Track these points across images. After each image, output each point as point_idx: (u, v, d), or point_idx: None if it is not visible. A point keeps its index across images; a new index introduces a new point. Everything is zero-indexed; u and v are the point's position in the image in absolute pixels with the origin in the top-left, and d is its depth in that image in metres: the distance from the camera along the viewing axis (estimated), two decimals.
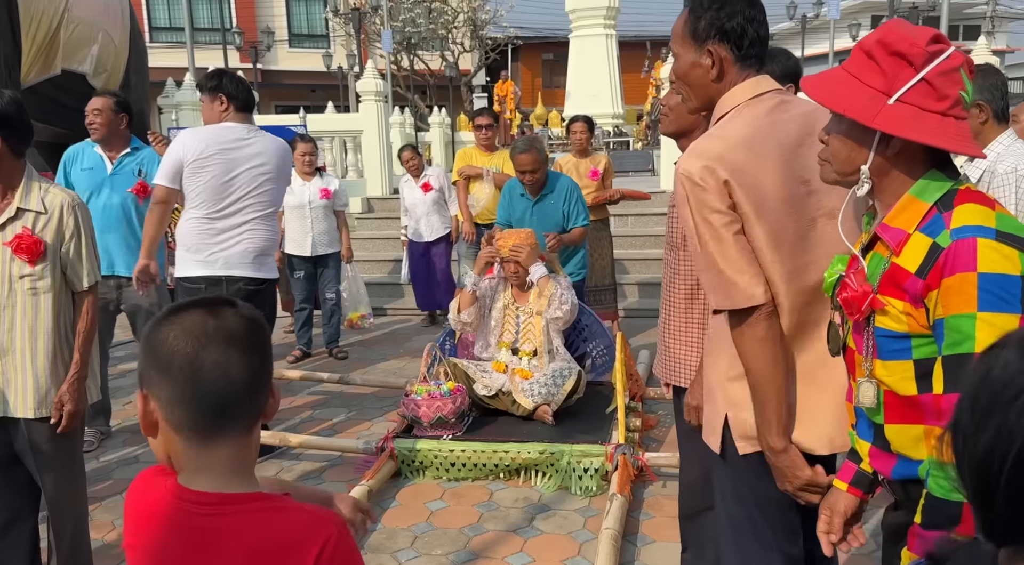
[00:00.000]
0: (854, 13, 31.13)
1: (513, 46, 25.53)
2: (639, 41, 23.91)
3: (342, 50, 24.89)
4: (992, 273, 1.17)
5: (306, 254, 5.71)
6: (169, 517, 1.01)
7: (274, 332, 5.06)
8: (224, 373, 0.98)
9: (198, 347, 0.97)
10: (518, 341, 4.10)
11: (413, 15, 22.93)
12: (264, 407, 1.05)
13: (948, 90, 1.24)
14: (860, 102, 1.28)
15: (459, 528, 3.17)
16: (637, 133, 15.60)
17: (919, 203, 1.28)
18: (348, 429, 4.36)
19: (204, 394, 0.98)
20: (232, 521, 0.99)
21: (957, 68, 1.25)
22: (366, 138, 9.48)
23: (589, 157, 5.70)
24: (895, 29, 1.29)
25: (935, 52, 1.24)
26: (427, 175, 6.49)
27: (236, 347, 0.99)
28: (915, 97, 1.25)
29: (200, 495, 1.01)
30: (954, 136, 1.24)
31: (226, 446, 1.02)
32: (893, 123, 1.25)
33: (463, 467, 3.57)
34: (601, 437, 3.59)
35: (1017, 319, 1.17)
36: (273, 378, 1.08)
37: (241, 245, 3.60)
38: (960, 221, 1.22)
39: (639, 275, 7.37)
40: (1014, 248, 1.19)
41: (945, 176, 1.29)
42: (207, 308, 1.02)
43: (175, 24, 24.50)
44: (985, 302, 1.17)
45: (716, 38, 1.64)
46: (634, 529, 3.12)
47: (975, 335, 1.18)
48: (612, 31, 14.54)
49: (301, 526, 1.00)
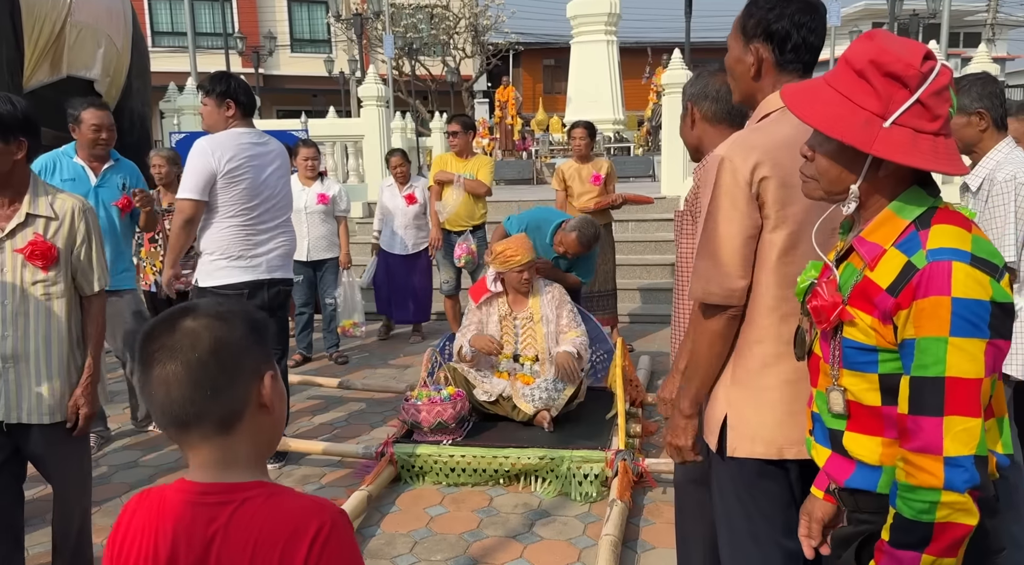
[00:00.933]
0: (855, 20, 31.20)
1: (514, 52, 25.59)
2: (640, 47, 23.97)
3: (344, 55, 24.94)
4: (966, 298, 1.18)
5: (302, 259, 5.71)
6: (166, 511, 1.04)
7: None
8: (165, 390, 1.01)
9: (146, 365, 1.02)
10: (519, 349, 4.11)
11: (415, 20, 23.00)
12: (239, 408, 1.04)
13: (940, 110, 1.24)
14: (855, 126, 1.26)
15: (459, 534, 3.16)
16: (638, 139, 15.62)
17: (897, 219, 1.28)
18: (348, 434, 4.36)
19: (156, 410, 1.03)
20: (232, 509, 1.02)
21: (947, 86, 1.24)
22: (367, 143, 9.49)
23: (591, 162, 5.71)
24: (888, 48, 1.25)
25: (928, 71, 1.23)
26: (413, 186, 6.22)
27: (174, 361, 1.00)
28: (910, 119, 1.24)
29: (202, 486, 1.04)
30: (946, 158, 1.24)
31: (204, 448, 1.04)
32: (890, 148, 1.24)
33: (463, 472, 3.57)
34: (601, 443, 3.59)
35: (984, 344, 1.18)
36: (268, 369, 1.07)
37: (280, 248, 3.67)
38: (936, 242, 1.22)
39: (639, 281, 7.37)
40: (986, 274, 1.19)
41: (925, 193, 1.29)
42: (165, 322, 1.04)
43: (177, 28, 24.57)
44: (957, 327, 1.18)
45: (761, 37, 1.69)
46: (634, 535, 3.11)
47: (945, 359, 1.19)
48: (613, 37, 14.59)
49: (298, 513, 1.02)
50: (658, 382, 5.11)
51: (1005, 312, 1.20)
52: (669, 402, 2.14)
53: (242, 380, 1.04)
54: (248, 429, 1.05)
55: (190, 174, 3.44)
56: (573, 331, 4.01)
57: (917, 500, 1.20)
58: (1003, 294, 1.20)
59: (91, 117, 3.88)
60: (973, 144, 2.61)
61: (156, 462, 3.99)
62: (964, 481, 1.18)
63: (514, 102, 17.38)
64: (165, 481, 3.77)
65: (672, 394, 2.11)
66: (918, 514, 1.21)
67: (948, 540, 1.20)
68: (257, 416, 1.06)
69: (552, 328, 4.04)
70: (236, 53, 23.07)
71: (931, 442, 1.20)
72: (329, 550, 1.00)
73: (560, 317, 4.04)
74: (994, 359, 1.19)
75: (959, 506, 1.18)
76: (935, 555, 1.21)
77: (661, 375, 5.27)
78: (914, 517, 1.21)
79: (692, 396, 1.78)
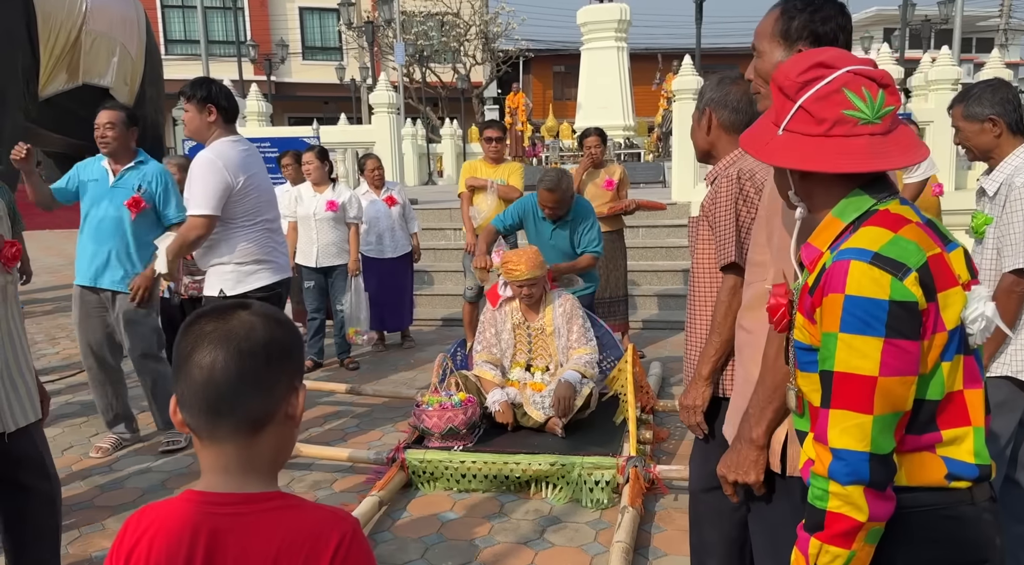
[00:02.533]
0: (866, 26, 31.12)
1: (525, 58, 25.68)
2: (650, 53, 23.98)
3: (355, 62, 25.10)
4: (857, 296, 1.20)
5: (311, 265, 5.72)
6: (183, 521, 1.01)
7: None
8: (209, 373, 0.99)
9: (191, 349, 1.01)
10: (531, 359, 4.10)
11: (426, 28, 23.12)
12: (272, 410, 1.04)
13: (825, 113, 1.28)
14: (758, 139, 1.38)
15: (470, 539, 3.16)
16: (648, 145, 15.61)
17: (837, 222, 1.32)
18: (359, 439, 4.36)
19: (192, 393, 1.01)
20: (249, 521, 1.00)
21: (838, 90, 1.28)
22: (378, 149, 9.53)
23: (604, 168, 5.71)
24: (784, 66, 1.36)
25: (809, 80, 1.30)
26: (389, 189, 6.20)
27: (225, 347, 1.00)
28: (797, 125, 1.32)
29: (215, 496, 1.02)
30: (833, 156, 1.27)
31: (229, 446, 1.02)
32: (775, 153, 1.33)
33: (474, 478, 3.56)
34: (612, 449, 3.58)
35: (880, 342, 1.19)
36: (300, 384, 1.08)
37: (285, 247, 3.83)
38: (849, 243, 1.26)
39: (651, 287, 7.36)
40: (887, 272, 1.20)
41: (868, 195, 1.31)
42: (218, 311, 1.04)
43: (190, 37, 24.78)
44: (846, 323, 1.21)
45: (807, 40, 1.65)
46: (646, 542, 3.10)
47: (835, 354, 1.23)
48: (623, 43, 14.58)
49: (317, 524, 1.01)
50: (670, 390, 5.09)
51: (906, 311, 1.19)
52: (692, 409, 2.10)
53: (282, 384, 1.04)
54: (273, 435, 1.05)
55: (206, 190, 3.37)
56: (583, 348, 3.99)
57: (815, 486, 1.27)
58: (903, 293, 1.19)
59: (97, 117, 4.00)
60: (989, 150, 2.60)
61: (169, 467, 4.00)
62: (845, 474, 1.21)
63: (524, 108, 17.41)
64: (178, 484, 3.80)
65: (696, 401, 2.08)
66: (815, 499, 1.27)
67: (836, 530, 1.24)
68: (283, 425, 1.06)
69: (564, 342, 4.03)
70: (248, 61, 23.25)
71: (821, 432, 1.26)
72: (352, 559, 1.00)
73: (571, 331, 4.02)
74: (896, 359, 1.19)
75: (846, 499, 1.22)
76: (822, 541, 1.26)
77: (672, 381, 5.25)
78: (812, 501, 1.28)
79: (769, 422, 1.63)
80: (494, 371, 4.04)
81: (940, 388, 1.25)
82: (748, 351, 1.79)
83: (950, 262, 1.27)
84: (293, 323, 1.11)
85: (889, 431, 1.22)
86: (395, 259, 6.21)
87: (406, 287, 6.33)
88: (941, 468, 1.26)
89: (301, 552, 0.99)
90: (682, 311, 7.05)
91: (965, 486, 1.27)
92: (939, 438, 1.27)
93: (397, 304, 6.28)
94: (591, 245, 4.52)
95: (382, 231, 6.16)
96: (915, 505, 1.27)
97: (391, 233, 6.17)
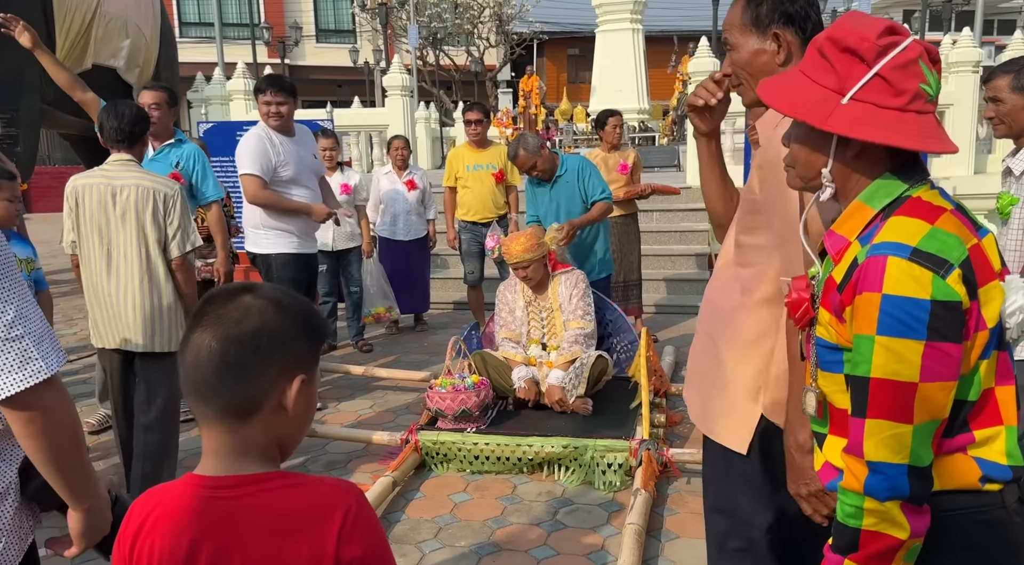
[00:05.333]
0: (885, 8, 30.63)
1: (539, 41, 25.50)
2: (666, 36, 23.76)
3: (368, 45, 25.01)
4: (896, 295, 1.10)
5: (327, 248, 5.74)
6: (185, 506, 1.01)
7: None
8: (195, 355, 0.99)
9: (190, 328, 1.02)
10: (545, 337, 4.13)
11: (439, 10, 22.99)
12: (259, 400, 1.00)
13: (905, 84, 1.16)
14: (812, 104, 1.22)
15: (483, 520, 3.18)
16: (663, 129, 15.50)
17: (866, 209, 1.21)
18: (373, 421, 4.39)
19: (183, 373, 1.02)
20: (252, 501, 1.00)
21: (915, 60, 1.16)
22: (392, 133, 9.52)
23: (618, 151, 5.68)
24: (845, 23, 1.22)
25: (888, 45, 1.17)
26: (412, 172, 6.18)
27: (214, 331, 0.99)
28: (870, 94, 1.18)
29: (213, 479, 1.01)
30: (916, 133, 1.16)
31: (216, 429, 1.01)
32: (847, 124, 1.18)
33: (487, 460, 3.58)
34: (625, 432, 3.58)
35: (920, 346, 1.10)
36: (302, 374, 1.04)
37: None
38: (883, 236, 1.15)
39: (664, 271, 7.34)
40: (928, 269, 1.10)
41: (900, 179, 1.21)
42: (226, 293, 1.03)
43: (204, 19, 24.76)
44: (885, 325, 1.11)
45: (780, 22, 1.62)
46: (658, 525, 3.10)
47: (871, 359, 1.12)
48: (639, 26, 14.45)
49: (321, 499, 1.01)
50: (682, 373, 5.09)
51: (950, 312, 1.10)
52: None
53: (270, 373, 1.00)
54: (263, 423, 1.02)
55: None
56: (578, 321, 4.02)
57: (846, 503, 1.17)
58: (946, 292, 1.10)
59: (141, 97, 4.11)
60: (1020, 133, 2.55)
61: (185, 446, 4.05)
62: (883, 489, 1.13)
63: (538, 92, 17.32)
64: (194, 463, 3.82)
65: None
66: (846, 518, 1.18)
67: (873, 550, 1.15)
68: (275, 414, 1.02)
69: (566, 315, 4.07)
70: (262, 43, 23.23)
71: (855, 443, 1.16)
72: (359, 530, 1.00)
73: (571, 301, 4.05)
74: (938, 364, 1.10)
75: (884, 516, 1.13)
76: (857, 563, 1.16)
77: (685, 365, 5.24)
78: (843, 520, 1.18)
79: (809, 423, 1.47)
80: (516, 348, 4.09)
81: (978, 388, 1.17)
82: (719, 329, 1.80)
83: (986, 251, 1.18)
84: (308, 308, 1.06)
85: (928, 441, 1.13)
86: (408, 243, 6.20)
87: (421, 271, 6.33)
88: (975, 470, 1.18)
89: (307, 526, 0.99)
90: (696, 296, 7.03)
91: (997, 489, 1.19)
92: (971, 439, 1.18)
93: (410, 287, 6.28)
94: (596, 192, 4.55)
95: (397, 213, 6.14)
96: (947, 509, 1.18)
97: (406, 216, 6.15)
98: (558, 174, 4.56)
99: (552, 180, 4.56)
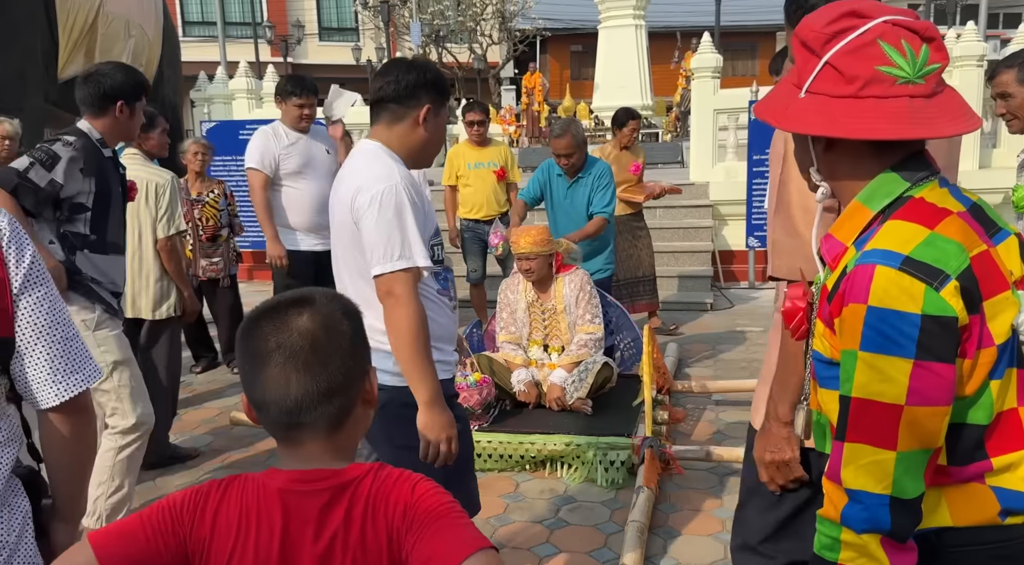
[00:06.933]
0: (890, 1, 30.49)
1: (541, 38, 25.45)
2: (669, 32, 23.70)
3: (371, 43, 25.02)
4: (882, 308, 1.00)
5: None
6: (271, 501, 1.02)
7: None
8: (284, 391, 0.99)
9: (260, 362, 1.00)
10: (547, 337, 4.12)
11: (441, 7, 22.96)
12: (350, 406, 1.04)
13: (855, 70, 1.06)
14: (776, 103, 1.16)
15: (485, 518, 3.19)
16: (666, 125, 15.47)
17: (864, 210, 1.11)
18: None
19: (269, 407, 1.01)
20: (349, 493, 1.01)
21: (872, 42, 1.06)
22: None
23: (629, 150, 5.62)
24: (806, 18, 1.14)
25: (840, 30, 1.08)
26: None
27: (295, 362, 0.99)
28: (823, 85, 1.10)
29: (304, 473, 1.02)
30: (874, 120, 1.05)
31: (310, 443, 1.03)
32: (794, 118, 1.11)
33: (489, 458, 3.59)
34: (628, 430, 3.58)
35: (907, 365, 0.99)
36: (369, 366, 1.08)
37: None
38: (875, 243, 1.05)
39: (667, 268, 7.32)
40: (920, 281, 0.99)
41: (901, 177, 1.10)
42: (277, 315, 1.02)
43: (207, 18, 24.78)
44: (869, 340, 1.01)
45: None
46: (661, 522, 3.11)
47: (854, 377, 1.03)
48: (641, 22, 14.42)
49: (400, 477, 1.04)
50: (686, 370, 5.08)
51: (943, 327, 1.00)
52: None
53: (355, 379, 1.04)
54: (353, 423, 1.06)
55: None
56: (588, 325, 4.00)
57: (823, 533, 1.09)
58: (940, 306, 0.99)
59: None
60: None
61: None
62: (861, 520, 1.03)
63: (541, 89, 17.29)
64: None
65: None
66: (822, 549, 1.09)
67: None
68: (363, 410, 1.07)
69: (572, 318, 4.04)
70: (265, 42, 23.26)
71: (834, 469, 1.07)
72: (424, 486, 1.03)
73: (578, 306, 4.03)
74: (927, 386, 1.00)
75: (861, 550, 1.04)
76: None
77: (689, 362, 5.24)
78: (819, 552, 1.09)
79: (792, 397, 1.52)
80: (516, 350, 4.08)
81: (988, 411, 1.06)
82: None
83: (999, 258, 1.06)
84: (349, 305, 1.08)
85: (916, 472, 1.02)
86: None
87: None
88: (993, 504, 1.07)
89: (399, 505, 1.01)
90: (700, 292, 7.02)
91: (1020, 521, 1.07)
92: (989, 466, 1.07)
93: None
94: (601, 204, 4.49)
95: None
96: (960, 544, 1.09)
97: None
98: (580, 175, 4.52)
99: (574, 177, 4.53)
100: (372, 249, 1.84)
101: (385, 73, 1.96)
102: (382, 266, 1.83)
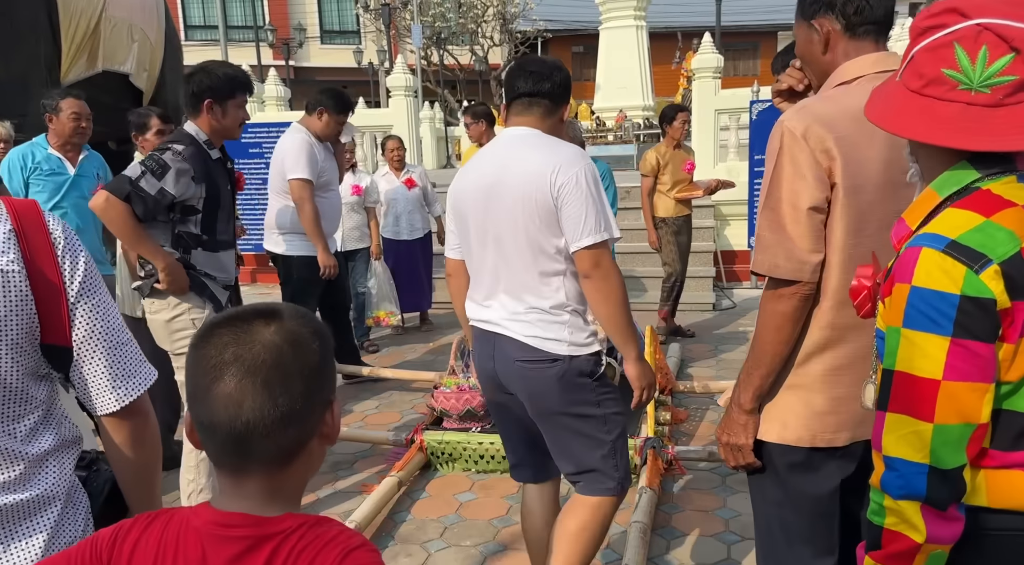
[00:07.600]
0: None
1: (543, 39, 25.47)
2: (670, 32, 23.69)
3: (373, 46, 25.06)
4: (924, 288, 1.06)
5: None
6: (190, 542, 0.92)
7: None
8: (235, 411, 0.87)
9: (212, 376, 0.88)
10: None
11: (443, 10, 23.00)
12: (306, 439, 0.92)
13: (925, 68, 1.11)
14: (882, 87, 1.23)
15: (488, 519, 3.19)
16: None
17: (933, 196, 1.15)
18: (378, 421, 4.40)
19: (215, 430, 0.88)
20: (270, 547, 0.90)
21: (949, 43, 1.08)
22: (396, 133, 9.53)
23: (682, 148, 5.56)
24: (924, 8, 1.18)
25: (931, 26, 1.11)
26: (409, 171, 6.17)
27: (253, 379, 0.87)
28: (905, 75, 1.16)
29: (228, 516, 0.91)
30: (911, 116, 1.11)
31: (254, 478, 0.91)
32: (874, 97, 1.19)
33: (492, 459, 3.59)
34: (630, 430, 3.57)
35: (945, 342, 1.05)
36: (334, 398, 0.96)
37: None
38: (929, 227, 1.11)
39: None
40: (962, 263, 1.05)
41: (973, 168, 1.12)
42: (240, 324, 0.90)
43: (209, 22, 24.85)
44: (911, 318, 1.08)
45: (822, 12, 1.62)
46: (663, 523, 3.11)
47: (896, 351, 1.10)
48: (642, 22, 14.42)
49: (339, 538, 0.92)
50: (688, 370, 5.08)
51: (980, 308, 1.04)
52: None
53: (317, 409, 0.92)
54: (305, 460, 0.94)
55: None
56: None
57: (872, 499, 1.15)
58: (978, 288, 1.04)
59: (70, 106, 3.89)
60: None
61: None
62: (897, 487, 1.09)
63: None
64: None
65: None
66: (871, 514, 1.15)
67: (891, 550, 1.12)
68: (317, 447, 0.95)
69: None
70: (267, 45, 23.31)
71: (876, 438, 1.13)
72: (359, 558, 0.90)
73: None
74: (965, 362, 1.04)
75: (900, 515, 1.10)
76: (877, 561, 1.14)
77: (691, 362, 5.24)
78: (869, 517, 1.16)
79: (755, 388, 1.61)
80: None
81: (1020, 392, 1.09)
82: None
83: None
84: (320, 326, 0.96)
85: (957, 444, 1.06)
86: (411, 241, 6.21)
87: (423, 269, 6.35)
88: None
89: None
90: (702, 292, 7.01)
91: None
92: None
93: (414, 285, 6.30)
94: None
95: (399, 213, 6.15)
96: (997, 528, 1.11)
97: (408, 215, 6.16)
98: None
99: None
100: (577, 223, 1.94)
101: (540, 70, 2.09)
102: (592, 237, 1.95)
